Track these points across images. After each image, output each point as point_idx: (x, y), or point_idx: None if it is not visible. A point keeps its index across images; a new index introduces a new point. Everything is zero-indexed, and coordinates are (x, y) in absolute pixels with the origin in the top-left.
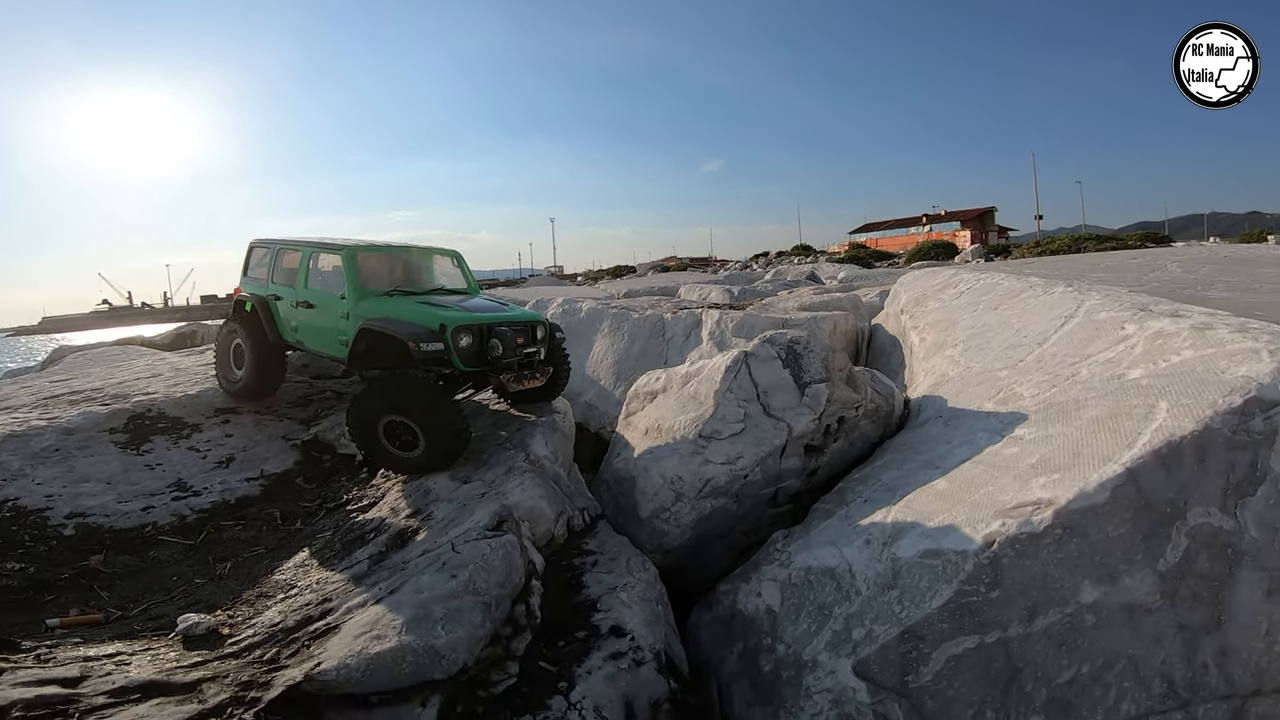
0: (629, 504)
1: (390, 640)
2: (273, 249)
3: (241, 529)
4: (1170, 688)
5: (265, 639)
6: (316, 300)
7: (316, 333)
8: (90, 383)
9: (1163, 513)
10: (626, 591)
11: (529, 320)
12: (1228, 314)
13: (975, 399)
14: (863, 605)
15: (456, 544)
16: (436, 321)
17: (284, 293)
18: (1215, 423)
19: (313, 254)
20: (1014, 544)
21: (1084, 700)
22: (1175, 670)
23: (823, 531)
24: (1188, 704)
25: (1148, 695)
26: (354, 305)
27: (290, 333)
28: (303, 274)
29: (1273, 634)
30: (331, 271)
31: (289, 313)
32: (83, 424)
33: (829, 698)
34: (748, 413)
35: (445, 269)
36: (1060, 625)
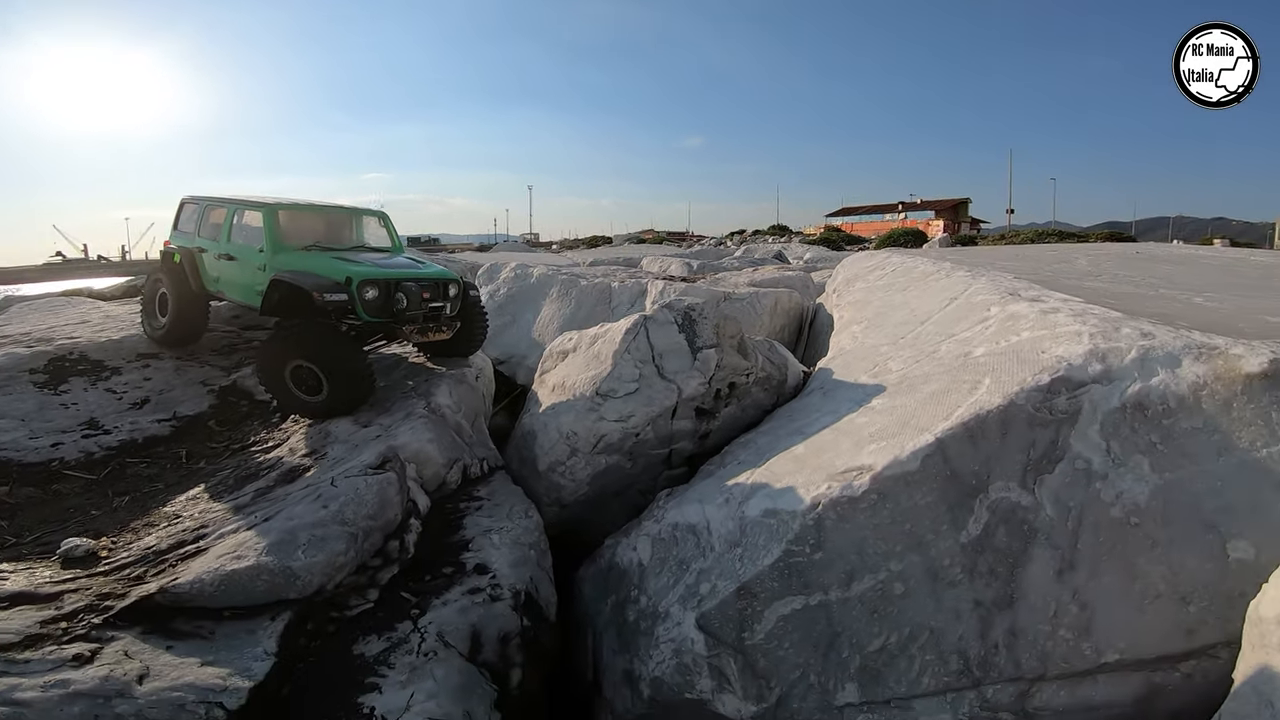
0: (530, 457)
1: (249, 560)
2: (201, 205)
3: (145, 466)
4: (965, 665)
5: (136, 560)
6: (238, 254)
7: (236, 284)
8: (21, 328)
9: (967, 485)
10: (500, 534)
11: (439, 277)
12: (1080, 300)
13: (855, 372)
14: (714, 561)
15: (336, 479)
16: (343, 274)
17: (209, 245)
18: (1020, 399)
19: (236, 210)
20: (835, 507)
21: (891, 670)
22: (970, 647)
23: (695, 490)
24: (979, 683)
25: (945, 671)
26: (270, 258)
27: (213, 283)
28: (226, 229)
29: (1060, 616)
30: (254, 228)
31: (212, 265)
32: (4, 364)
33: (671, 647)
34: (642, 374)
35: (371, 229)
36: (873, 592)
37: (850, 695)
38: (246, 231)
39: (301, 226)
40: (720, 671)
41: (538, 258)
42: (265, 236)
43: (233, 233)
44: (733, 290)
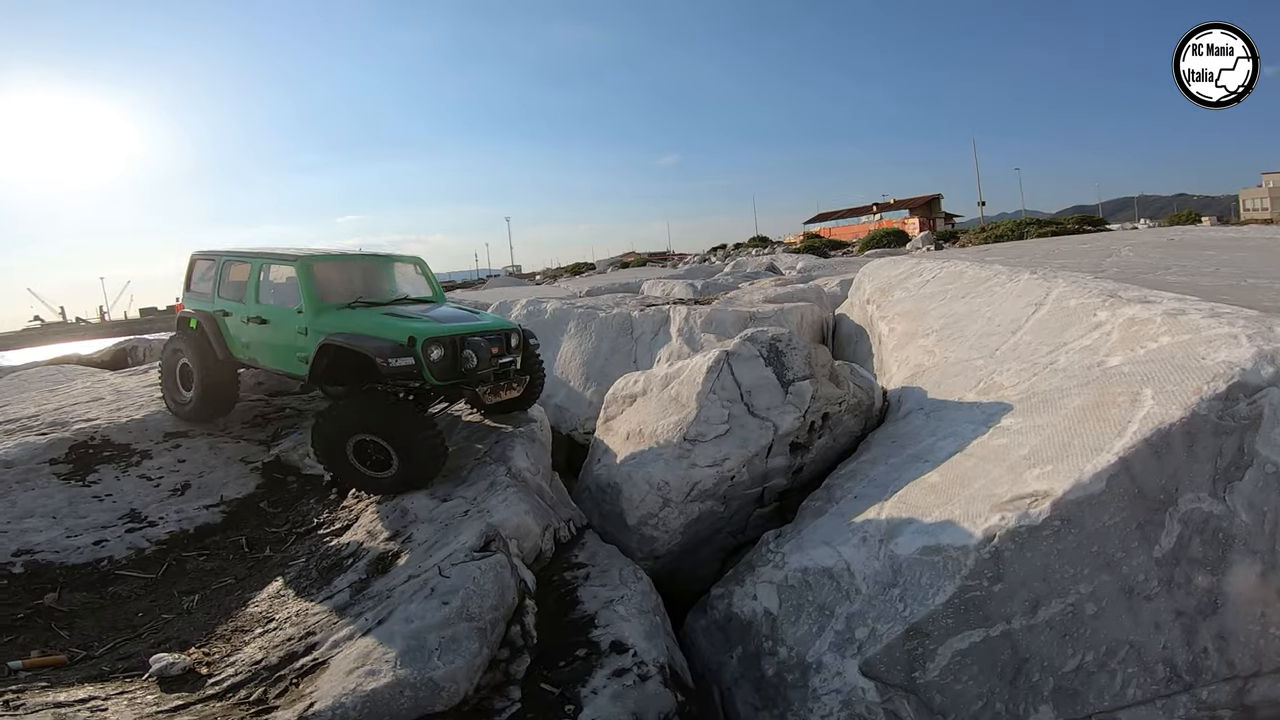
0: (614, 511)
1: (385, 675)
2: (218, 262)
3: (205, 559)
4: (1173, 672)
5: (248, 678)
6: (270, 316)
7: (272, 350)
8: (25, 409)
9: (1156, 500)
10: (623, 604)
11: (503, 328)
12: (1196, 299)
13: (955, 389)
14: (864, 604)
15: (444, 568)
16: (405, 334)
17: (233, 308)
18: (1202, 409)
19: (263, 266)
20: (1014, 537)
21: (1090, 687)
22: (1177, 655)
23: (815, 530)
24: (1191, 687)
25: (1152, 680)
26: (313, 320)
27: (242, 350)
28: (253, 288)
29: (1268, 616)
30: (285, 284)
31: (239, 329)
32: (21, 456)
33: (838, 699)
34: (732, 413)
35: (408, 277)
36: (1063, 615)
37: (1045, 716)
38: (277, 290)
39: (339, 280)
40: (896, 715)
41: (535, 291)
42: (303, 294)
43: (261, 292)
44: (753, 308)
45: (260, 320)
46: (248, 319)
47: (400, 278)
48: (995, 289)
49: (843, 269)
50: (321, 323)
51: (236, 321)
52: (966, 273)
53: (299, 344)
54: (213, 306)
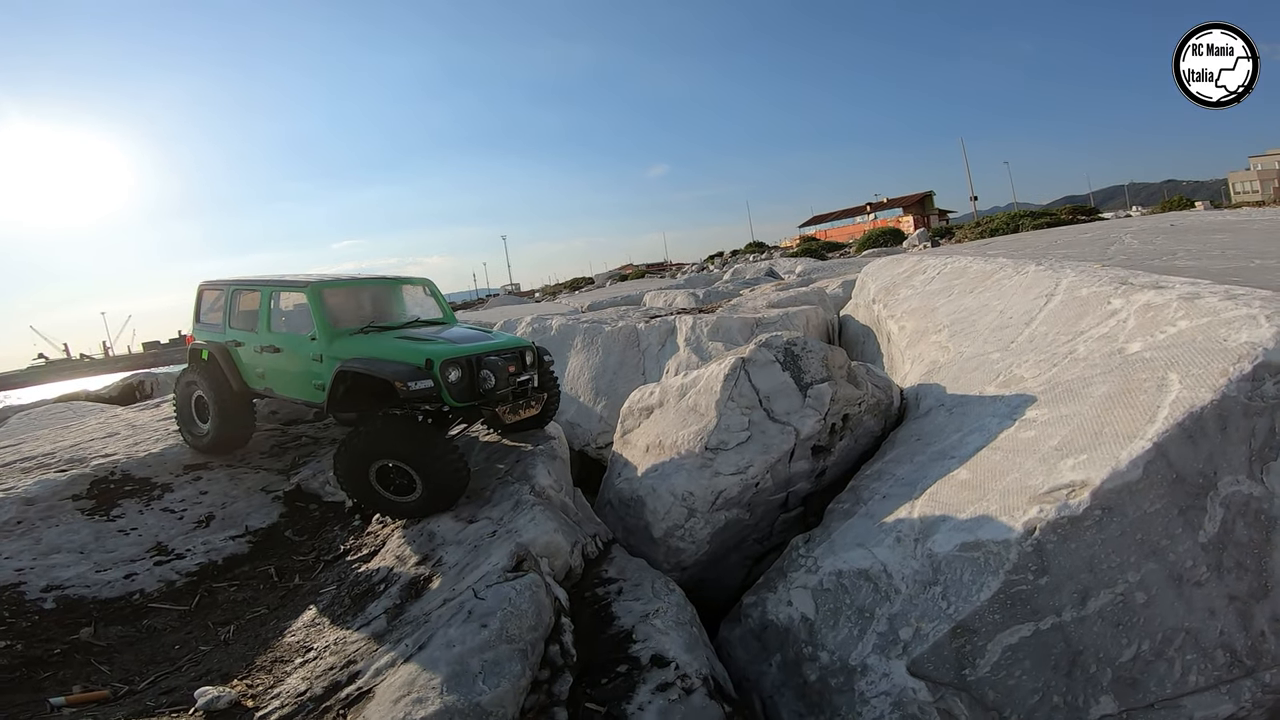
0: (639, 525)
1: (433, 703)
2: (226, 291)
3: (236, 589)
4: (1233, 657)
5: (295, 710)
6: (283, 344)
7: (287, 378)
8: (41, 447)
9: (1195, 484)
10: (659, 618)
11: (518, 346)
12: (1209, 282)
13: (975, 384)
14: (905, 605)
15: (479, 590)
16: (422, 357)
17: (245, 338)
18: (1231, 390)
19: (273, 294)
20: (1055, 529)
21: (1150, 675)
22: (1235, 640)
23: (846, 533)
24: (1253, 671)
25: (1213, 666)
26: (327, 346)
27: (257, 380)
28: (264, 316)
29: None
30: (296, 311)
31: (253, 359)
32: (42, 493)
33: (888, 700)
34: (752, 420)
35: (417, 299)
36: (1114, 605)
37: (1106, 707)
38: (289, 317)
39: (350, 305)
40: (949, 713)
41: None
42: (316, 321)
43: (272, 320)
44: (758, 314)
45: (273, 349)
46: (261, 348)
47: (410, 300)
48: (1003, 282)
49: (842, 270)
50: (336, 349)
51: (249, 351)
52: (971, 267)
53: (314, 371)
54: (224, 337)
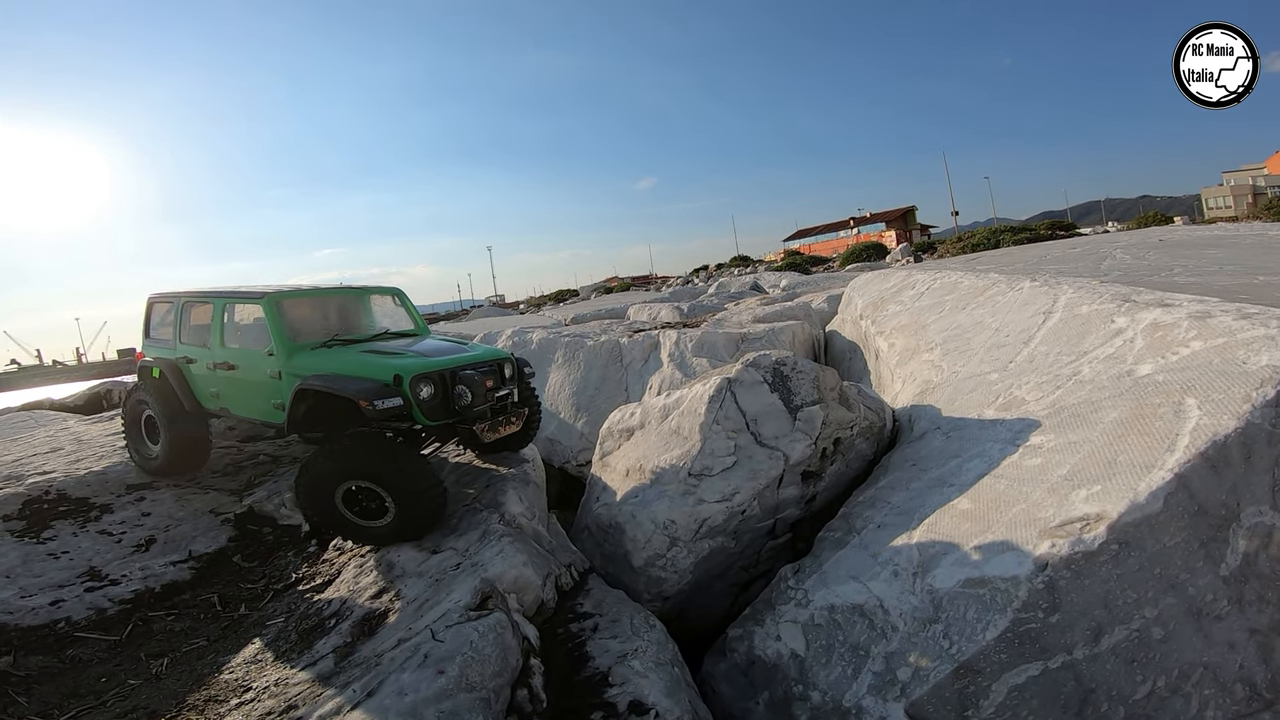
0: (619, 553)
1: None
2: (177, 304)
3: (174, 619)
4: (1253, 690)
5: None
6: (238, 360)
7: (243, 397)
8: None
9: (1218, 516)
10: (638, 658)
11: (495, 359)
12: (1217, 299)
13: (972, 406)
14: (903, 643)
15: (437, 631)
16: (389, 372)
17: (197, 354)
18: (1255, 417)
19: (226, 306)
20: (1069, 565)
21: (1165, 712)
22: (1255, 673)
23: (838, 564)
24: (1273, 704)
25: (1231, 700)
26: (286, 362)
27: (211, 400)
28: (217, 330)
29: None
30: (253, 325)
31: (206, 377)
32: None
33: None
34: (738, 444)
35: (386, 309)
36: (1128, 642)
37: None
38: (244, 332)
39: (312, 317)
40: None
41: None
42: (273, 335)
43: (225, 335)
44: (744, 329)
45: (228, 366)
46: (214, 365)
47: (379, 311)
48: (997, 298)
49: (827, 284)
50: (296, 364)
51: (202, 368)
52: (962, 283)
53: (272, 389)
54: (175, 353)
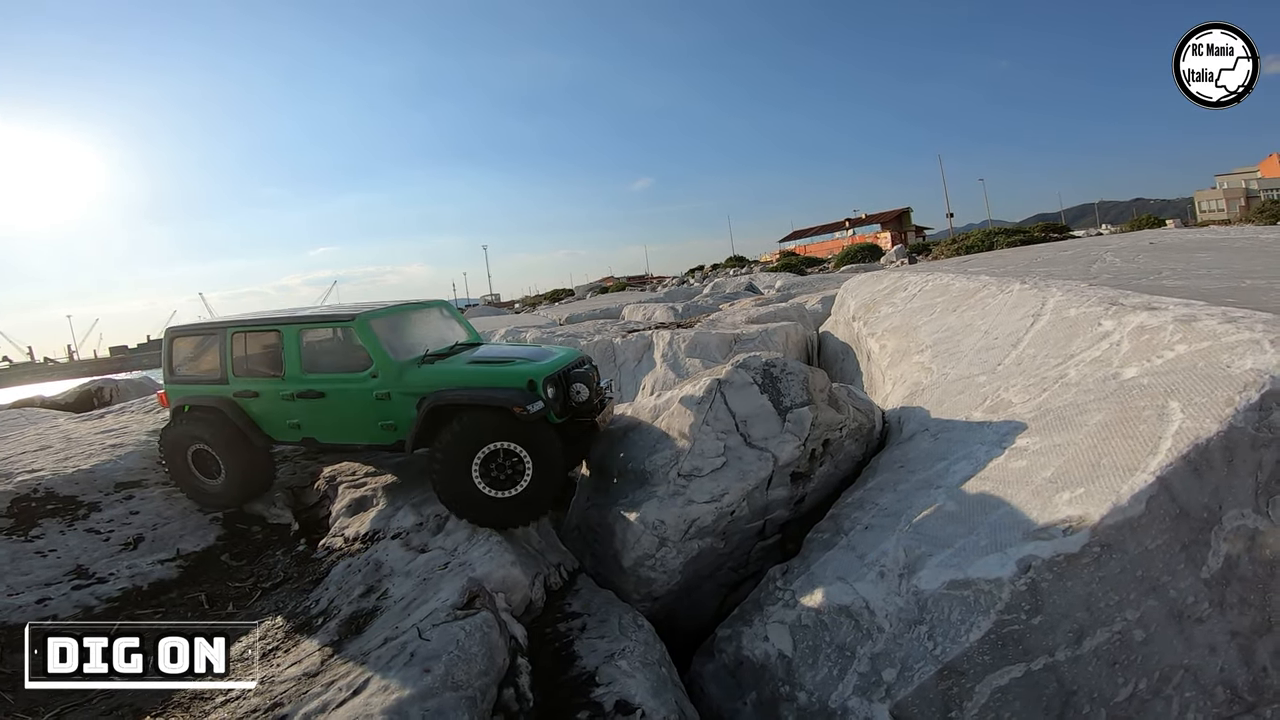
0: (608, 554)
1: None
2: (222, 335)
3: (161, 618)
4: (1234, 693)
5: None
6: (328, 386)
7: (339, 424)
8: None
9: (1199, 519)
10: (625, 658)
11: (582, 358)
12: (1203, 303)
13: (960, 408)
14: (888, 644)
15: (424, 629)
16: (523, 378)
17: (263, 386)
18: (1238, 421)
19: (300, 331)
20: (1051, 567)
21: (1146, 715)
22: (1236, 676)
23: (826, 565)
24: (1254, 707)
25: (1212, 703)
26: (397, 381)
27: (288, 432)
28: (294, 359)
29: None
30: (339, 348)
31: (280, 408)
32: None
33: None
34: (728, 445)
35: (437, 320)
36: (1110, 644)
37: None
38: (328, 356)
39: (399, 333)
40: None
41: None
42: (374, 356)
43: (304, 362)
44: (737, 330)
45: (314, 394)
46: (294, 395)
47: (442, 322)
48: (987, 301)
49: (821, 286)
50: (409, 382)
51: (273, 400)
52: (953, 285)
53: (379, 411)
54: (228, 389)
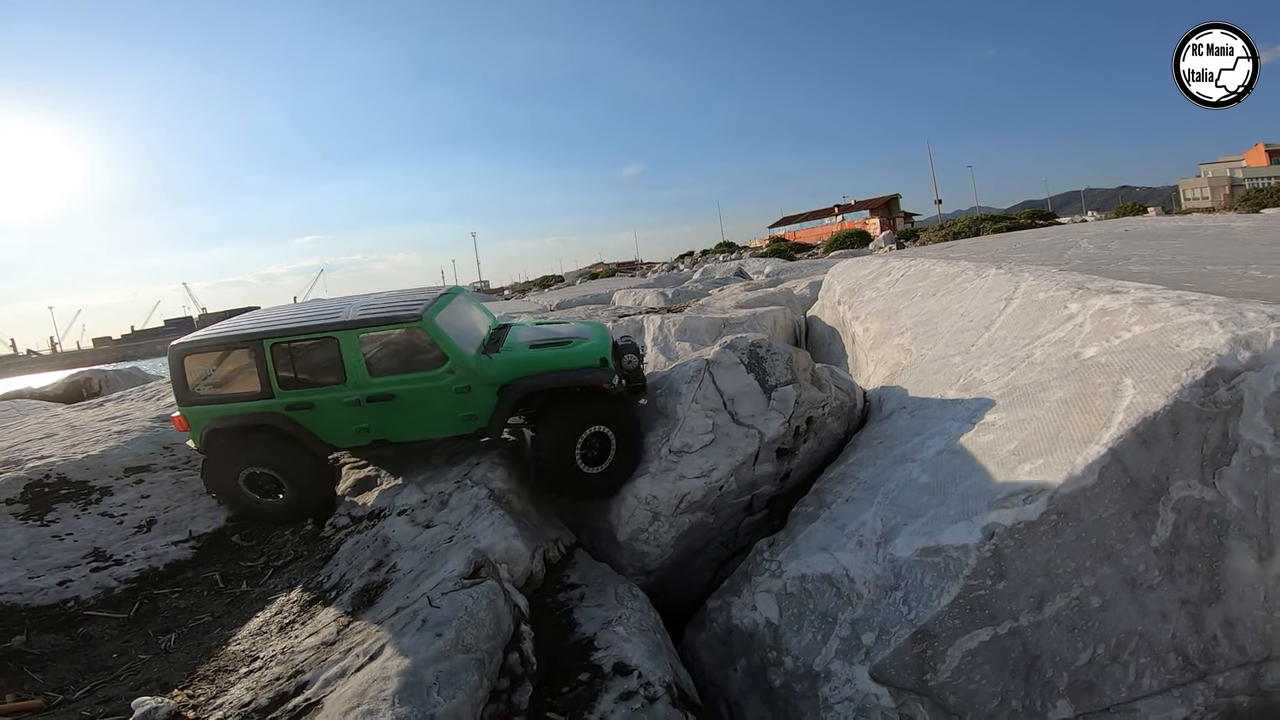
0: (604, 529)
1: (384, 715)
2: (256, 348)
3: (179, 597)
4: (1186, 660)
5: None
6: (401, 388)
7: (414, 422)
8: None
9: (1148, 489)
10: (622, 624)
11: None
12: (1161, 287)
13: (936, 387)
14: (867, 609)
15: (434, 598)
16: (595, 356)
17: (321, 396)
18: (1184, 396)
19: (357, 336)
20: (1013, 534)
21: (1105, 680)
22: (1187, 643)
23: (809, 537)
24: (1206, 674)
25: (1165, 670)
26: (475, 373)
27: (356, 436)
28: (355, 364)
29: (1271, 601)
30: (404, 347)
31: (346, 416)
32: None
33: (851, 707)
34: (716, 422)
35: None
36: (1069, 610)
37: (1063, 711)
38: (386, 358)
39: (458, 324)
40: (911, 718)
41: (504, 306)
42: (449, 352)
43: (372, 365)
44: (726, 314)
45: (383, 396)
46: (362, 400)
47: (471, 308)
48: (965, 285)
49: (810, 271)
50: (487, 373)
51: (336, 409)
52: (934, 270)
53: (459, 404)
54: (277, 404)
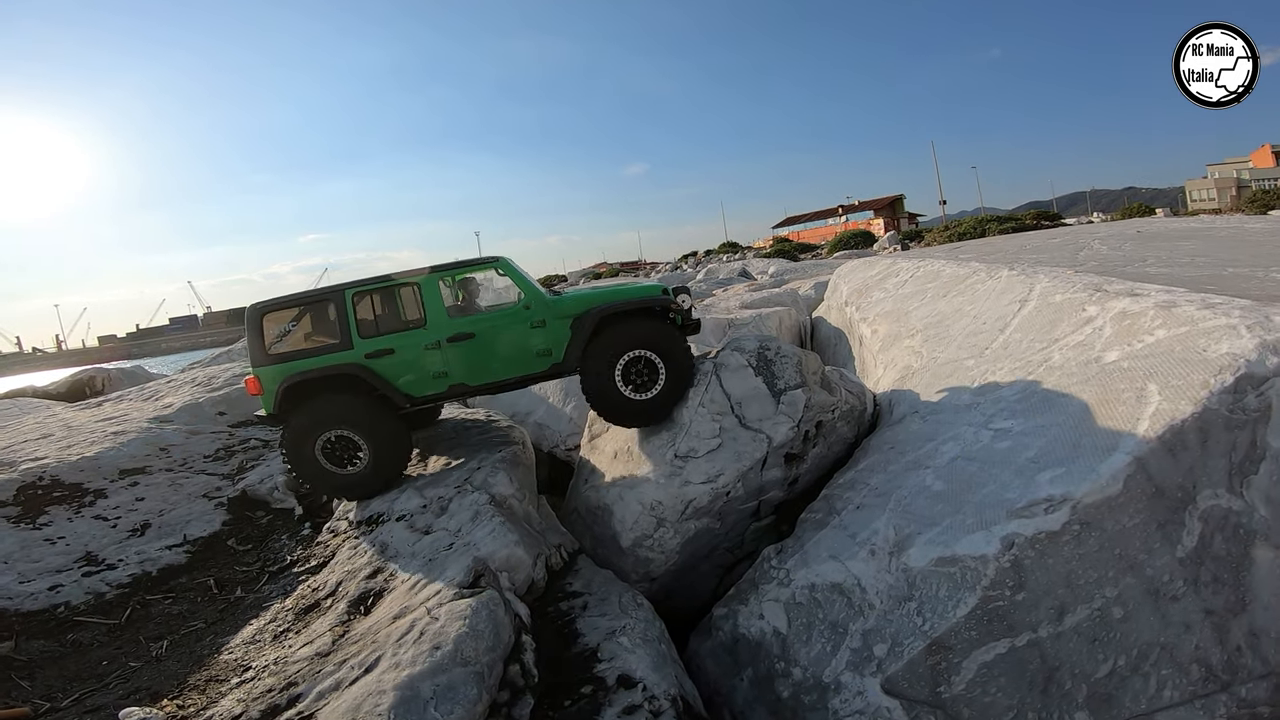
0: (607, 534)
1: None
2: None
3: (171, 603)
4: (1209, 671)
5: None
6: (479, 326)
7: (491, 362)
8: None
9: (1174, 499)
10: (626, 635)
11: None
12: (1184, 290)
13: (949, 391)
14: (879, 620)
15: (432, 608)
16: (658, 289)
17: (401, 341)
18: (1213, 403)
19: (440, 280)
20: (1033, 545)
21: (1125, 691)
22: (1210, 654)
23: (818, 544)
24: (1229, 685)
25: (1188, 681)
26: (551, 308)
27: (433, 382)
28: (434, 308)
29: None
30: (485, 289)
31: (425, 360)
32: None
33: (862, 719)
34: (723, 426)
35: None
36: (1090, 621)
37: None
38: (473, 297)
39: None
40: None
41: None
42: (524, 289)
43: (451, 308)
44: (731, 315)
45: (464, 336)
46: (442, 342)
47: None
48: (976, 287)
49: (814, 271)
50: (559, 308)
51: (415, 353)
52: (944, 271)
53: (536, 339)
54: (355, 353)
